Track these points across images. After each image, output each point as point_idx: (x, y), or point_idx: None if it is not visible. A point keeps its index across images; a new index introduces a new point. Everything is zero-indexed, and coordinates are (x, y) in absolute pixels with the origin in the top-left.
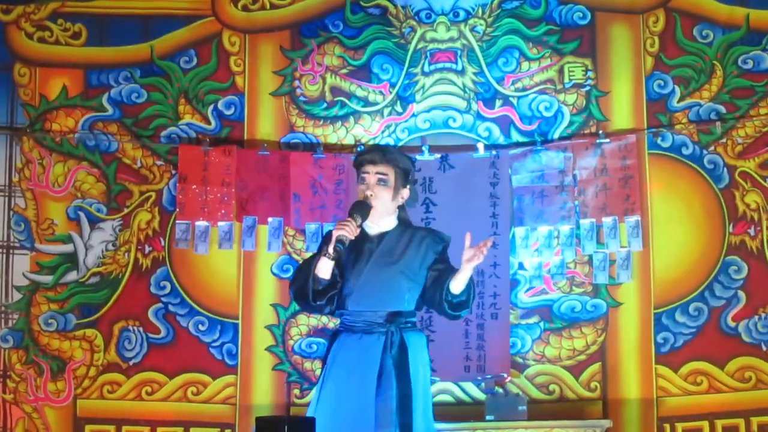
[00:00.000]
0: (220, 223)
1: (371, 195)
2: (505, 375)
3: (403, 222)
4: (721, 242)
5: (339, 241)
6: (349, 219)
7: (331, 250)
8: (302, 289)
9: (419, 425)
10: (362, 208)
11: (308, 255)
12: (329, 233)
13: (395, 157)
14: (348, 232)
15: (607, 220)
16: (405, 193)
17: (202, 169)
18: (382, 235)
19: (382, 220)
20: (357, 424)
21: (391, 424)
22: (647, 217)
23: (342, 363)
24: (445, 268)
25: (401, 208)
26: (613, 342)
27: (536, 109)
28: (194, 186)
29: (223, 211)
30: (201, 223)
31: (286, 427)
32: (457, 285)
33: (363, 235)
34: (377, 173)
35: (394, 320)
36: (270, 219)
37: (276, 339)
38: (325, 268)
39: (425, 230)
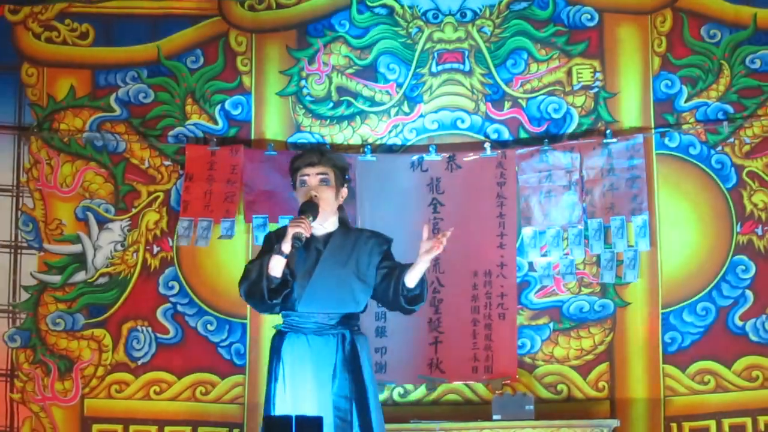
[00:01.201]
0: (222, 220)
1: (315, 195)
2: (513, 375)
3: (344, 222)
4: (729, 242)
5: (296, 237)
6: (303, 217)
7: (286, 247)
8: (255, 288)
9: (376, 425)
10: (312, 208)
11: None
12: (273, 232)
13: (332, 158)
14: (303, 229)
15: (615, 220)
16: (344, 192)
17: (208, 168)
18: (328, 236)
19: (326, 220)
20: None
21: (348, 424)
22: (654, 217)
23: (295, 364)
24: (394, 265)
25: (340, 208)
26: (620, 342)
27: (545, 111)
28: (199, 185)
29: (227, 210)
30: (204, 220)
31: (293, 427)
32: (412, 279)
33: (309, 236)
34: (318, 174)
35: (347, 322)
36: (281, 217)
37: None
38: (277, 267)
39: (368, 232)
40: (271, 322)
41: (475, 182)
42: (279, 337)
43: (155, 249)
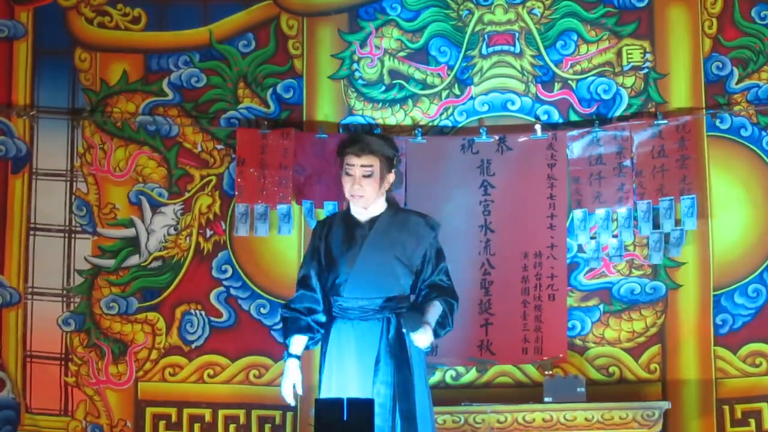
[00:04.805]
0: (279, 206)
1: (359, 188)
2: (562, 356)
3: (392, 203)
4: None
5: None
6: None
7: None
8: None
9: (421, 410)
10: (415, 322)
11: None
12: (320, 223)
13: (378, 147)
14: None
15: (664, 201)
16: (390, 177)
17: (260, 152)
18: (373, 220)
19: (371, 205)
20: None
21: (386, 409)
22: (705, 198)
23: (340, 351)
24: (436, 287)
25: (388, 189)
26: (672, 324)
27: (595, 92)
28: (252, 169)
29: (281, 195)
30: (260, 206)
31: (344, 409)
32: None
33: (354, 222)
34: (362, 166)
35: (390, 306)
36: (325, 203)
37: None
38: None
39: (416, 216)
40: None
41: (525, 164)
42: (329, 323)
43: (208, 233)
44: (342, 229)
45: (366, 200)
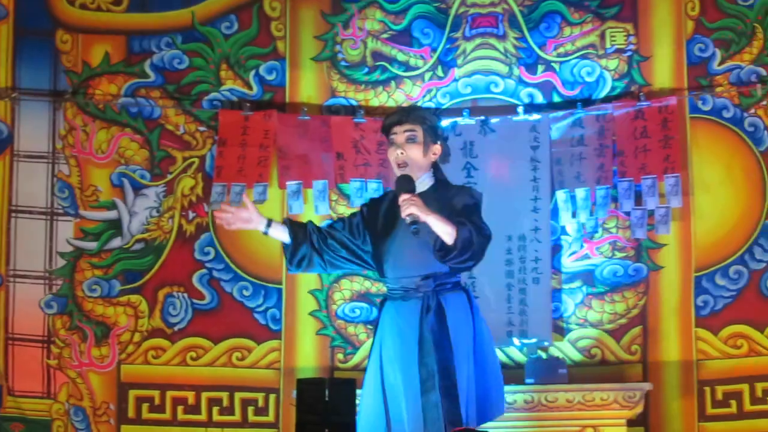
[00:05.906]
0: (255, 184)
1: (402, 153)
2: (547, 340)
3: (441, 182)
4: (762, 205)
5: (412, 222)
6: (412, 196)
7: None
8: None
9: (470, 385)
10: (406, 183)
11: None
12: (365, 205)
13: (421, 115)
14: (416, 207)
15: (647, 179)
16: (437, 149)
17: (242, 134)
18: None
19: (417, 180)
20: (404, 392)
21: (434, 388)
22: (687, 178)
23: (386, 332)
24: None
25: (437, 168)
26: (653, 305)
27: (578, 75)
28: (232, 150)
29: (260, 174)
30: (237, 185)
31: (326, 389)
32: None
33: (397, 200)
34: (405, 131)
35: (429, 284)
36: (314, 182)
37: (319, 304)
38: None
39: (457, 188)
40: (306, 287)
41: (508, 146)
42: (381, 305)
43: (190, 215)
44: (385, 208)
45: (411, 167)
